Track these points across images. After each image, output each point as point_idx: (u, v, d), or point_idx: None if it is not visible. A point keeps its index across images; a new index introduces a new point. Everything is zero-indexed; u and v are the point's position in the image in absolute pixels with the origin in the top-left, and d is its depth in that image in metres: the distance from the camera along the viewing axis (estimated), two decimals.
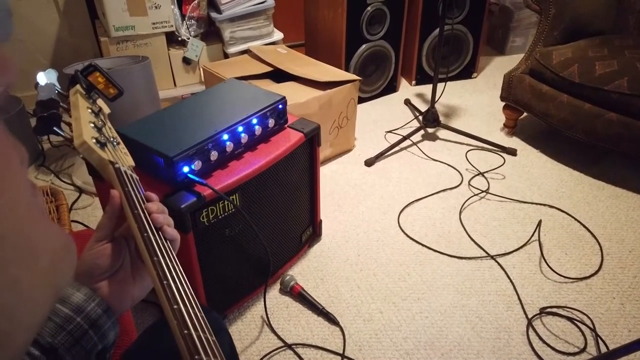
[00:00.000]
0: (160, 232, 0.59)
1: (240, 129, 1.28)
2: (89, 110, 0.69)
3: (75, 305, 0.56)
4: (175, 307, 0.50)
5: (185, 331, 0.48)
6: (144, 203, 0.61)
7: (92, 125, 0.66)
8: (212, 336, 0.49)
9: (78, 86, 0.72)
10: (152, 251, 0.55)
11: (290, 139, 1.40)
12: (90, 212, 1.86)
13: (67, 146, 2.25)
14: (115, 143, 0.69)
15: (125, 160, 0.67)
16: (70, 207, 1.88)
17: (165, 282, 0.52)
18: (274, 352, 1.33)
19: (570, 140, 2.06)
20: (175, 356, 0.49)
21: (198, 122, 1.27)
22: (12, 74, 0.29)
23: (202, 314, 0.51)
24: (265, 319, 1.42)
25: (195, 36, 2.37)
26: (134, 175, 0.66)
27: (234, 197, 1.25)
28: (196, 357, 0.46)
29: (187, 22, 2.33)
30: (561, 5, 2.10)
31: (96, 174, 1.34)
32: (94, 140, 0.63)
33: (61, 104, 0.70)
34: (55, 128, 0.67)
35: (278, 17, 2.57)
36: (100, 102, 0.75)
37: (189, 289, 0.54)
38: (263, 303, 1.45)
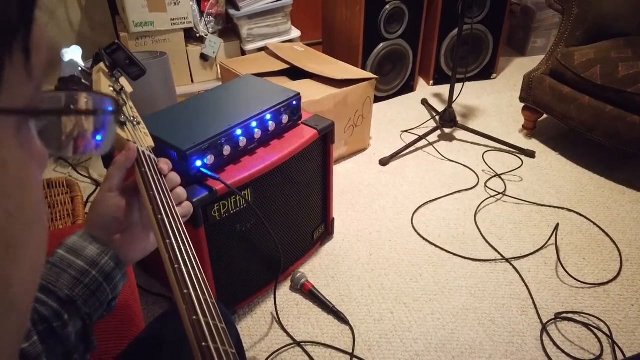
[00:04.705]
0: (175, 215, 0.59)
1: (254, 124, 1.28)
2: (111, 89, 0.70)
3: (90, 259, 0.57)
4: (185, 291, 0.49)
5: (194, 317, 0.47)
6: (160, 185, 0.61)
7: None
8: (222, 323, 0.48)
9: (101, 64, 0.72)
10: (165, 233, 0.55)
11: (304, 135, 1.40)
12: None
13: None
14: (135, 123, 0.69)
15: (144, 140, 0.67)
16: (86, 200, 1.90)
17: (176, 265, 0.52)
18: (283, 349, 1.32)
19: (591, 143, 2.01)
20: (183, 346, 0.49)
21: (212, 116, 1.27)
22: None
23: (213, 300, 0.50)
24: (275, 316, 1.41)
25: (213, 33, 2.38)
26: (152, 156, 0.66)
27: (246, 192, 1.25)
28: (204, 343, 0.45)
29: (206, 19, 2.34)
30: (584, 5, 2.06)
31: None
32: None
33: (83, 81, 0.71)
34: None
35: (296, 15, 2.57)
36: (122, 80, 0.75)
37: (200, 274, 0.53)
38: (273, 300, 1.44)
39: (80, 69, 0.71)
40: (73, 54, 0.97)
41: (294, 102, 1.38)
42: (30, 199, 0.21)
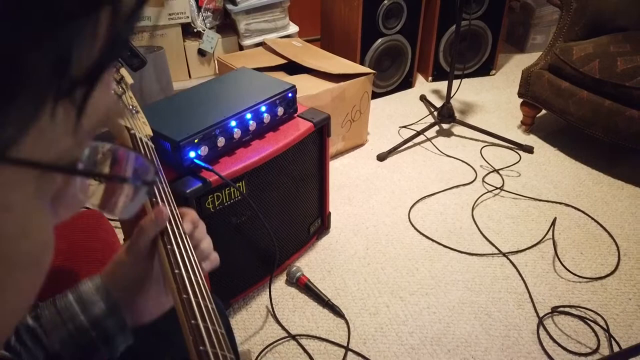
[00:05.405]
0: (176, 217, 0.57)
1: (249, 116, 1.27)
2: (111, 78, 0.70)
3: (94, 318, 0.53)
4: (184, 296, 0.49)
5: (193, 321, 0.47)
6: (159, 173, 0.60)
7: (112, 92, 0.67)
8: (221, 329, 0.48)
9: None
10: (166, 239, 0.54)
11: (299, 128, 1.39)
12: None
13: None
14: (134, 111, 0.69)
15: (143, 129, 0.68)
16: None
17: (177, 271, 0.51)
18: (278, 342, 1.32)
19: (590, 139, 2.00)
20: (175, 334, 0.49)
21: (207, 108, 1.26)
22: None
23: (213, 305, 0.50)
24: (270, 310, 1.41)
25: (210, 28, 2.37)
26: (150, 144, 0.65)
27: (240, 184, 1.25)
28: (201, 348, 0.45)
29: (203, 14, 2.34)
30: (583, 0, 2.05)
31: None
32: None
33: None
34: None
35: (294, 11, 2.56)
36: (123, 71, 0.76)
37: (201, 279, 0.52)
38: (268, 293, 1.44)
39: None
40: None
41: (290, 95, 1.37)
42: (26, 247, 0.20)
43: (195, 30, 2.35)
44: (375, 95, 2.56)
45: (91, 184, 0.28)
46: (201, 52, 2.37)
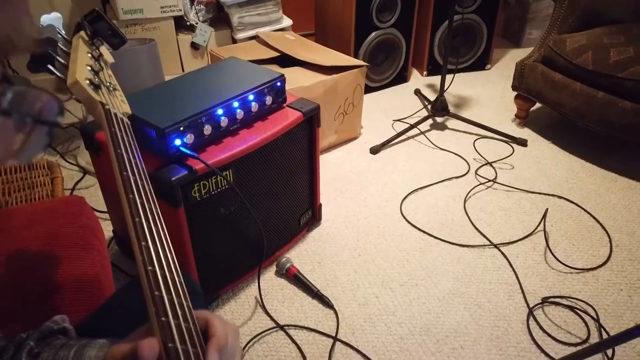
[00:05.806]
0: (148, 193, 0.55)
1: (236, 104, 1.26)
2: (89, 55, 0.70)
3: None
4: (149, 268, 0.48)
5: (156, 292, 0.46)
6: (132, 147, 0.59)
7: (89, 68, 0.67)
8: (187, 302, 0.47)
9: (82, 32, 0.73)
10: (134, 212, 0.52)
11: (288, 117, 1.38)
12: (93, 192, 1.86)
13: (75, 128, 2.27)
14: (111, 88, 0.69)
15: (120, 106, 0.67)
16: (73, 186, 1.89)
17: (143, 243, 0.50)
18: (266, 332, 1.31)
19: (583, 131, 2.00)
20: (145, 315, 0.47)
21: (194, 96, 1.25)
22: None
23: (180, 279, 0.49)
24: (259, 300, 1.40)
25: (203, 21, 2.36)
26: (126, 120, 0.64)
27: (227, 173, 1.24)
28: (163, 319, 0.44)
29: (196, 7, 2.33)
30: None
31: (92, 148, 1.33)
32: (88, 82, 0.63)
33: (60, 45, 0.71)
34: (50, 67, 0.67)
35: (288, 5, 2.56)
36: (103, 50, 0.77)
37: (170, 253, 0.51)
38: (257, 284, 1.43)
39: (59, 35, 0.70)
40: (53, 20, 0.97)
41: (278, 84, 1.37)
42: None
43: (188, 23, 2.35)
44: (370, 90, 2.55)
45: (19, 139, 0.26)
46: (194, 46, 2.37)
